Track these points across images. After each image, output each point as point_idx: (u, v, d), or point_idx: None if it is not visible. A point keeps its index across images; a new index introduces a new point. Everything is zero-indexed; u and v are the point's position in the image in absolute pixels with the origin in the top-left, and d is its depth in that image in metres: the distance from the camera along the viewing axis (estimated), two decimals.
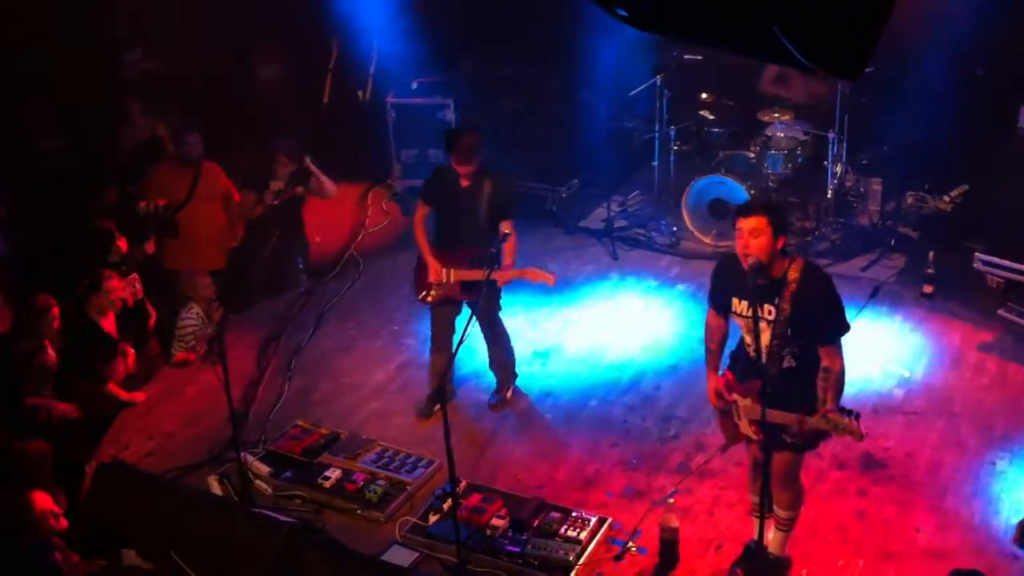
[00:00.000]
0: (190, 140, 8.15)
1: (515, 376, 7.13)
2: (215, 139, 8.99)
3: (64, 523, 5.20)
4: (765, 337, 4.93)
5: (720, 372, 5.25)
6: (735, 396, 5.11)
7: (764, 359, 4.95)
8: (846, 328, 4.93)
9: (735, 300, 5.02)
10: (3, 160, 8.22)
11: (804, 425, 4.85)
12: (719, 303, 5.18)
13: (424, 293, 6.71)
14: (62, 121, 9.16)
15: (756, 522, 5.13)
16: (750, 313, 4.90)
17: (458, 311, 6.75)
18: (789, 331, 4.85)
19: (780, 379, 4.89)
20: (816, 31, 2.49)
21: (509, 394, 7.07)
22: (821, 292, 4.88)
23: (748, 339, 5.06)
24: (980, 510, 5.84)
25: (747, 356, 5.09)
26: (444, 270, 6.58)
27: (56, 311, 6.52)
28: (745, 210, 4.87)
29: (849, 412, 4.79)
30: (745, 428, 5.12)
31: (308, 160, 8.58)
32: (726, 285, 5.09)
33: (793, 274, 4.85)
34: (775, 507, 5.32)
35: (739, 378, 5.12)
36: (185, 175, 8.09)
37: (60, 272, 7.19)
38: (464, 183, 6.53)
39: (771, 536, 5.38)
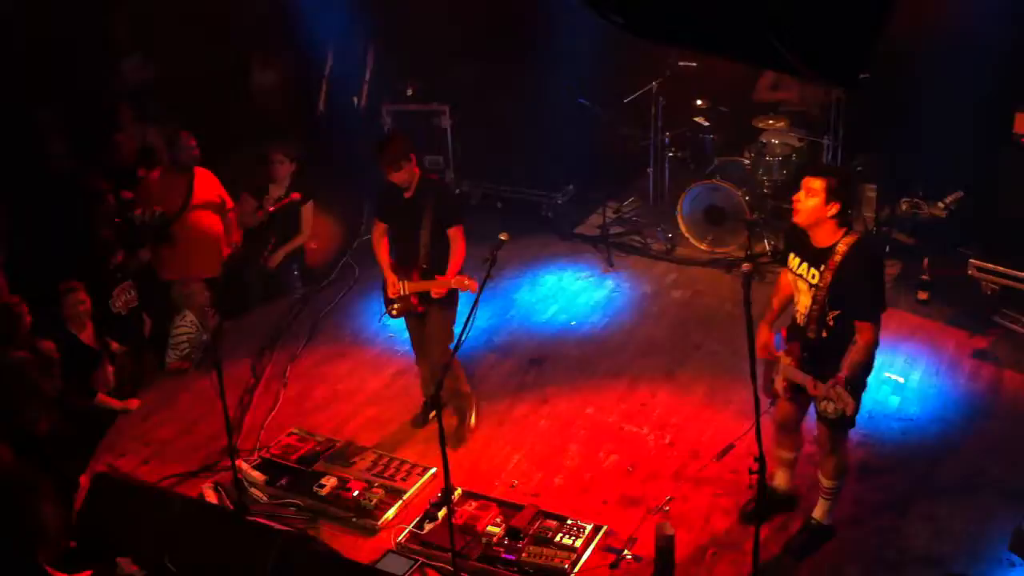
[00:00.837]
0: (186, 144, 8.14)
1: (471, 399, 6.95)
2: (213, 146, 8.99)
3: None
4: (806, 300, 5.19)
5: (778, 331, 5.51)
6: (780, 353, 5.37)
7: (802, 323, 5.22)
8: (881, 307, 5.15)
9: (791, 255, 5.29)
10: (2, 168, 8.21)
11: (815, 389, 5.07)
12: (784, 258, 5.45)
13: (388, 308, 6.70)
14: (60, 128, 9.17)
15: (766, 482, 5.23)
16: (799, 271, 5.20)
17: (424, 319, 6.75)
18: (828, 299, 5.08)
19: (815, 346, 5.19)
20: (813, 39, 2.50)
21: (472, 420, 6.90)
22: (863, 266, 5.06)
23: (796, 298, 5.32)
24: (975, 517, 5.83)
25: (794, 319, 5.35)
26: (400, 283, 6.55)
27: (23, 309, 6.44)
28: (812, 168, 5.16)
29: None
30: (778, 384, 5.39)
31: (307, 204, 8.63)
32: (791, 240, 5.35)
33: (843, 246, 5.05)
34: (820, 475, 5.59)
35: (788, 338, 5.38)
36: (180, 183, 8.08)
37: (59, 279, 7.17)
38: (407, 195, 6.46)
39: (817, 505, 5.66)
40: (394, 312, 6.69)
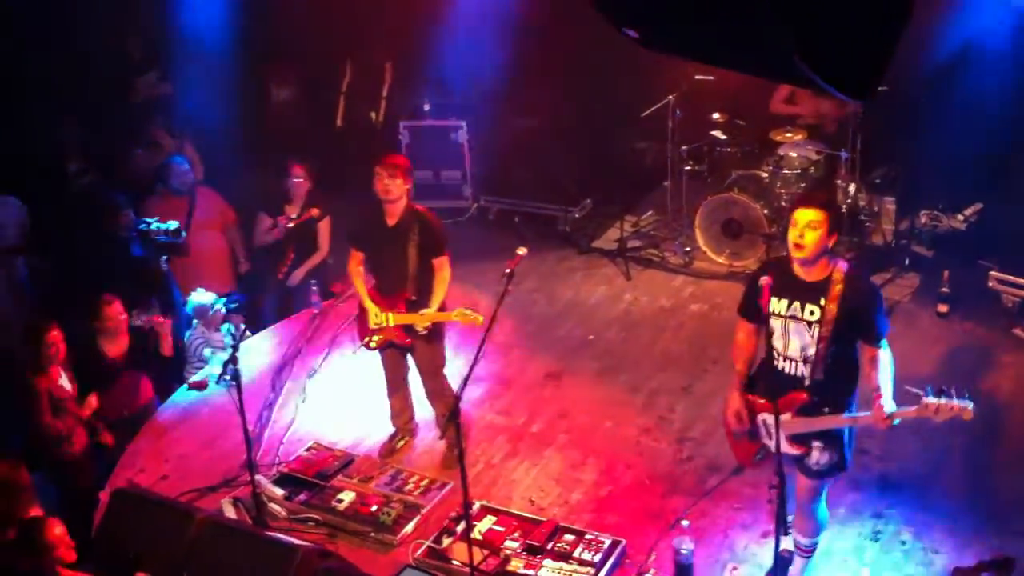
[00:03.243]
0: (178, 170, 8.21)
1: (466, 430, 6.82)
2: (229, 164, 9.04)
3: (73, 556, 5.20)
4: (800, 342, 4.92)
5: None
6: (764, 416, 5.09)
7: (793, 367, 4.96)
8: (888, 327, 4.99)
9: (774, 300, 4.94)
10: (25, 184, 8.28)
11: (882, 419, 4.78)
12: (749, 309, 5.15)
13: (367, 339, 6.59)
14: (82, 145, 9.25)
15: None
16: (788, 312, 4.90)
17: (405, 353, 6.69)
18: (831, 333, 4.85)
19: (823, 388, 4.93)
20: (828, 52, 2.50)
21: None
22: (867, 291, 4.95)
23: (779, 345, 4.99)
24: (998, 531, 5.78)
25: (776, 370, 5.04)
26: (383, 314, 6.46)
27: (53, 336, 6.47)
28: (806, 200, 4.89)
29: (942, 393, 4.80)
30: (786, 447, 4.98)
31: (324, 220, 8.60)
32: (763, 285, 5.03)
33: (839, 274, 4.85)
34: (796, 533, 5.34)
35: (768, 396, 5.05)
36: (180, 203, 8.16)
37: (80, 294, 7.22)
38: (390, 221, 6.38)
39: (793, 566, 5.41)
40: (373, 344, 6.60)
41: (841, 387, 4.97)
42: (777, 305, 4.95)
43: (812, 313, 4.87)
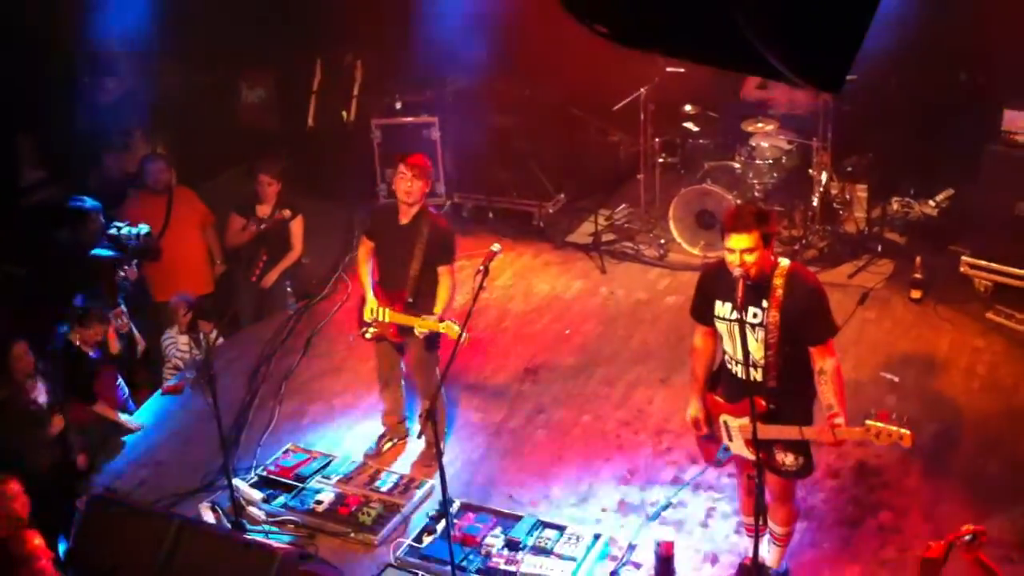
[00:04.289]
0: (153, 169, 8.15)
1: (442, 429, 6.66)
2: (200, 164, 8.95)
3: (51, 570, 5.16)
4: (747, 343, 4.83)
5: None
6: (725, 417, 5.07)
7: (747, 372, 4.88)
8: (836, 328, 4.91)
9: (718, 303, 4.93)
10: None
11: (828, 435, 4.74)
12: (701, 312, 5.09)
13: (363, 329, 6.58)
14: (45, 150, 9.14)
15: (751, 540, 5.10)
16: (733, 316, 4.82)
17: (399, 349, 6.67)
18: (779, 339, 4.79)
19: (770, 395, 4.86)
20: (796, 44, 2.50)
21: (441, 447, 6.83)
22: (808, 295, 4.81)
23: (729, 348, 4.98)
24: (974, 515, 5.81)
25: (732, 373, 5.02)
26: (380, 309, 6.44)
27: (22, 350, 6.39)
28: (735, 226, 4.69)
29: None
30: (740, 448, 5.06)
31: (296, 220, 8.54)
32: (708, 290, 5.01)
33: (778, 279, 4.78)
34: (771, 523, 5.33)
35: (727, 398, 5.06)
36: (158, 203, 8.09)
37: (52, 301, 7.15)
38: (403, 220, 6.37)
39: (768, 552, 5.40)
40: (368, 335, 6.57)
41: (798, 395, 4.90)
42: (721, 309, 4.92)
43: (755, 316, 4.81)
